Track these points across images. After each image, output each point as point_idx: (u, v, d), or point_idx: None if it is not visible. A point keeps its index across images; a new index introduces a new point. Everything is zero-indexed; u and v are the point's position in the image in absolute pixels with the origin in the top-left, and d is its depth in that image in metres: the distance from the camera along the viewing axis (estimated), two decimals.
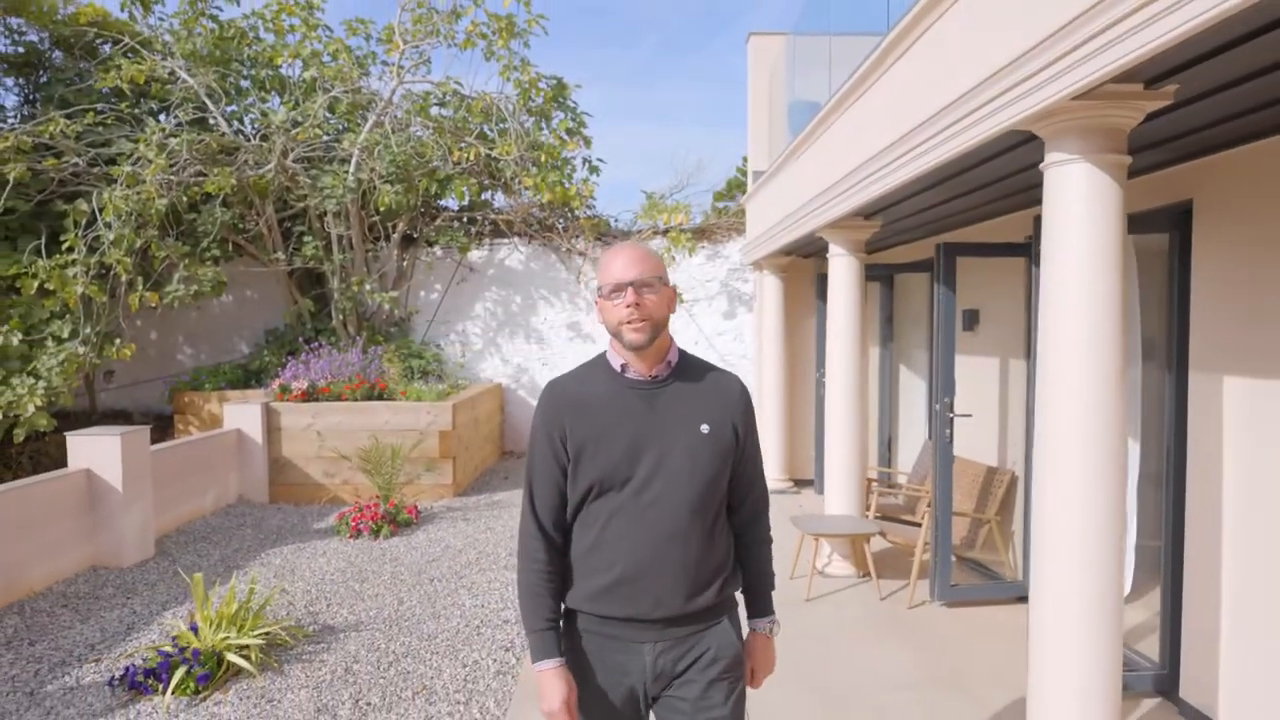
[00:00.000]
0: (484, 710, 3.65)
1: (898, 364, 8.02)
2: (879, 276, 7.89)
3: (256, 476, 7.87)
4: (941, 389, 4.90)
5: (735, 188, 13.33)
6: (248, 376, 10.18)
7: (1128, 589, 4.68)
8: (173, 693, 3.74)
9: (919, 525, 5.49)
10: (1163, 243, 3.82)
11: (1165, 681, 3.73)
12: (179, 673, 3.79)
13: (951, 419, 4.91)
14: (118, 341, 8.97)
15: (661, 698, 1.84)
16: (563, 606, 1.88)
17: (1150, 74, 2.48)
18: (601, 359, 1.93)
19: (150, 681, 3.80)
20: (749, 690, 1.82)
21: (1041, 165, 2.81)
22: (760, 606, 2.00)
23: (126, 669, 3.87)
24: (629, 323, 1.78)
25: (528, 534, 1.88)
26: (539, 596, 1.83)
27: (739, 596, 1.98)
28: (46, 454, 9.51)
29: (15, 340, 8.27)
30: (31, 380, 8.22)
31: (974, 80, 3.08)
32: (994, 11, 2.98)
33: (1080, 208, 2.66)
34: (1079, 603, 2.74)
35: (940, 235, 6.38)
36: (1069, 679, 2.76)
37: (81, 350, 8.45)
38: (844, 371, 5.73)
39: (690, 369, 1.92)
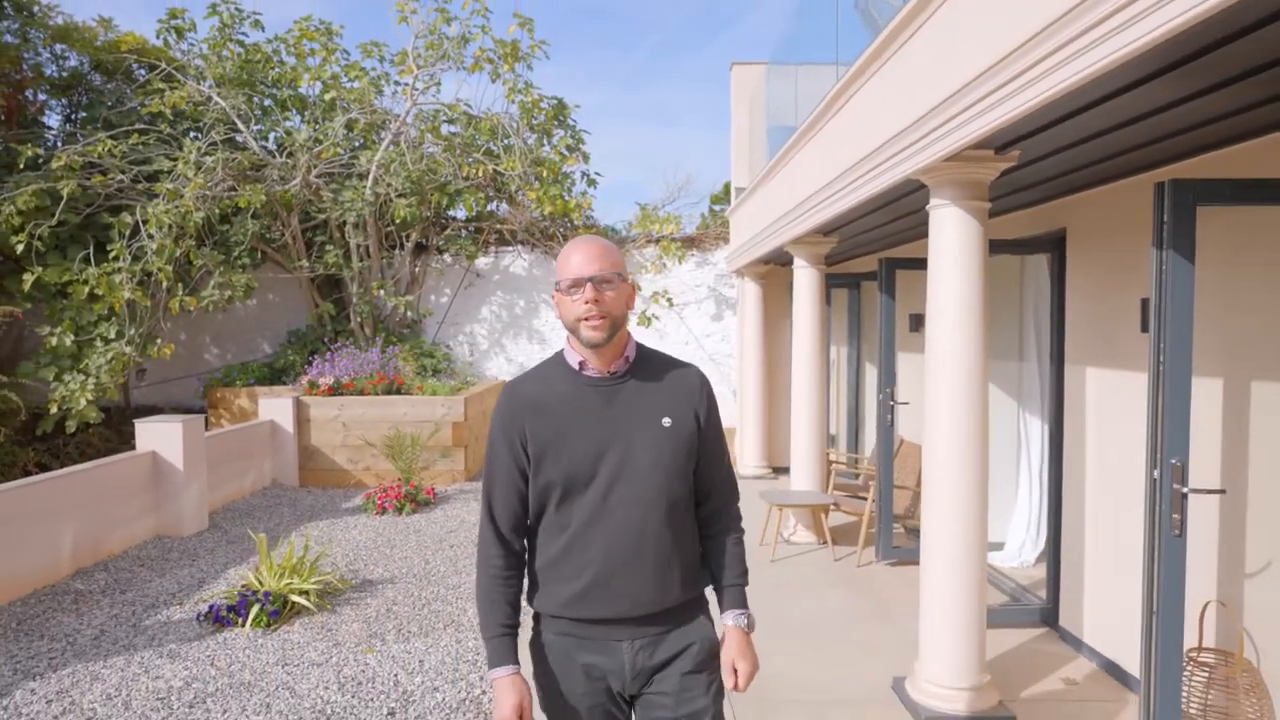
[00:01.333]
0: None
1: (864, 361, 8.93)
2: (847, 284, 8.79)
3: (288, 462, 8.77)
4: (884, 381, 5.80)
5: (730, 190, 14.23)
6: (273, 374, 11.08)
7: (1039, 550, 5.60)
8: (251, 624, 4.64)
9: (867, 499, 6.38)
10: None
11: (1050, 615, 4.63)
12: (254, 609, 4.69)
13: (893, 406, 5.81)
14: (158, 342, 9.87)
15: (642, 695, 1.84)
16: (533, 612, 1.90)
17: (998, 143, 3.37)
18: (559, 357, 1.90)
19: (231, 616, 4.70)
20: (739, 692, 1.85)
21: (927, 207, 3.71)
22: (731, 599, 1.93)
23: (211, 606, 4.77)
24: (587, 319, 1.76)
25: (486, 540, 1.87)
26: (495, 604, 1.83)
27: (710, 594, 1.98)
28: (90, 444, 10.40)
29: (68, 341, 9.17)
30: (82, 377, 9.12)
31: (884, 138, 3.98)
32: (893, 87, 3.88)
33: (951, 241, 3.55)
34: (951, 544, 3.63)
35: (893, 248, 7.28)
36: (944, 604, 3.65)
37: (127, 350, 9.34)
38: (807, 368, 6.63)
39: (648, 363, 1.91)
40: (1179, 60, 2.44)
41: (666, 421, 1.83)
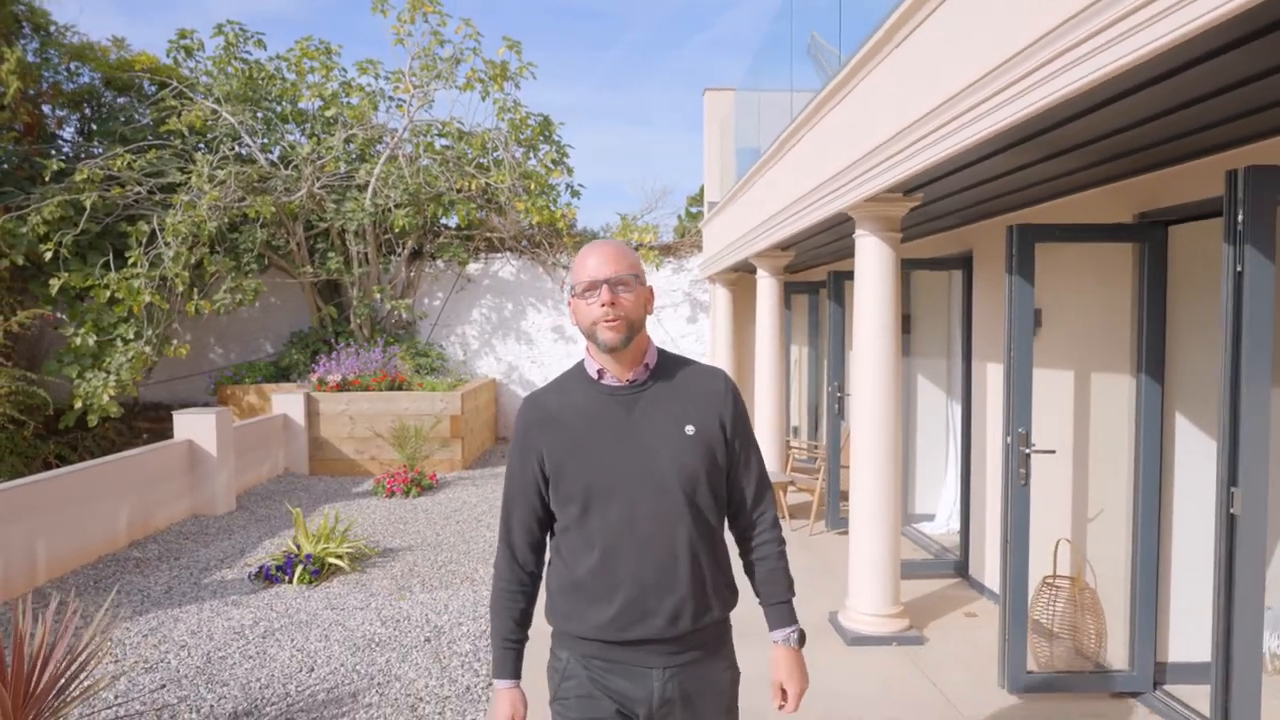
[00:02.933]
0: None
1: (823, 361, 9.91)
2: (807, 291, 9.74)
3: (300, 453, 9.58)
4: (832, 375, 6.77)
5: (704, 195, 15.18)
6: (279, 372, 11.86)
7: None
8: (297, 581, 5.50)
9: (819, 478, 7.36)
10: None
11: (961, 567, 5.62)
12: (298, 569, 5.55)
13: (840, 398, 6.79)
14: (174, 342, 10.62)
15: None
16: (552, 631, 1.87)
17: (905, 188, 4.34)
18: (578, 367, 1.85)
19: (279, 574, 5.55)
20: (787, 713, 1.70)
21: (854, 235, 4.67)
22: (778, 616, 1.85)
23: (261, 567, 5.62)
24: (604, 322, 1.70)
25: (501, 559, 1.87)
26: (503, 618, 1.85)
27: (738, 617, 1.92)
28: (107, 438, 11.11)
29: (91, 341, 9.91)
30: (104, 375, 9.86)
31: (822, 178, 4.94)
32: (828, 139, 4.85)
33: (871, 263, 4.51)
34: (872, 504, 4.58)
35: (841, 261, 8.27)
36: (867, 551, 4.61)
37: (146, 350, 10.09)
38: (767, 365, 7.60)
39: (669, 369, 1.83)
40: (1024, 138, 3.41)
41: (690, 429, 1.76)
